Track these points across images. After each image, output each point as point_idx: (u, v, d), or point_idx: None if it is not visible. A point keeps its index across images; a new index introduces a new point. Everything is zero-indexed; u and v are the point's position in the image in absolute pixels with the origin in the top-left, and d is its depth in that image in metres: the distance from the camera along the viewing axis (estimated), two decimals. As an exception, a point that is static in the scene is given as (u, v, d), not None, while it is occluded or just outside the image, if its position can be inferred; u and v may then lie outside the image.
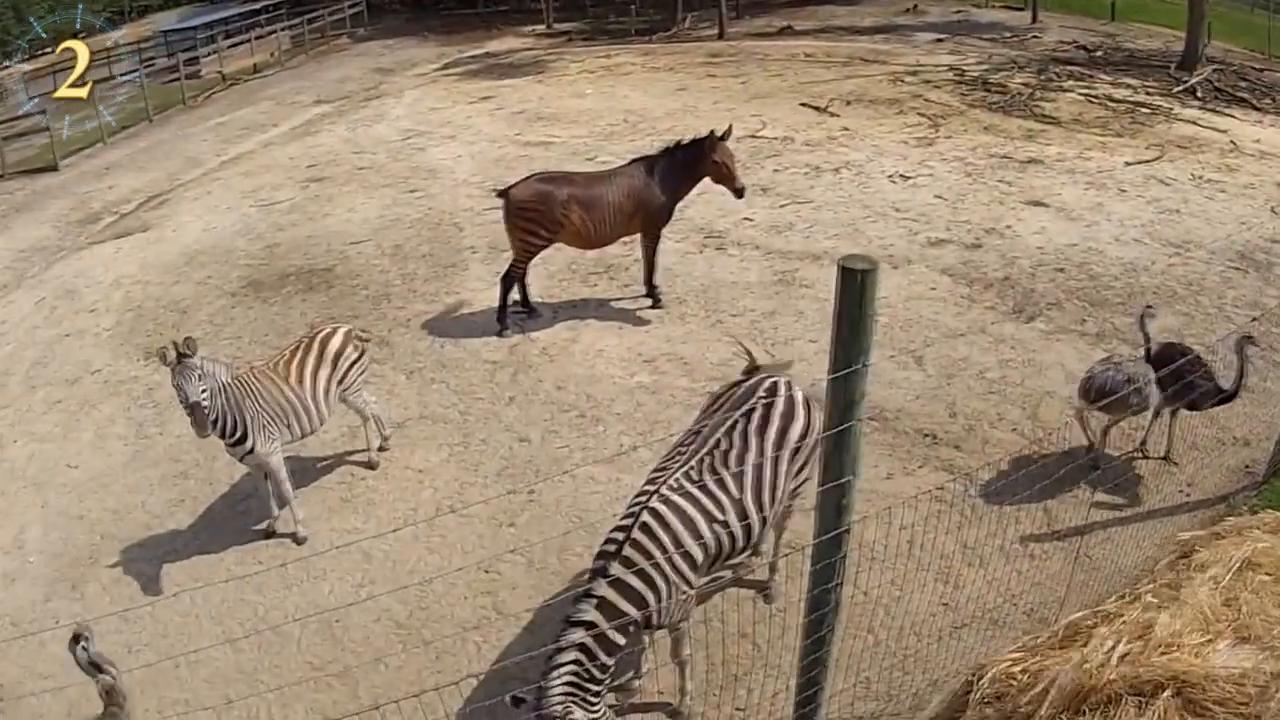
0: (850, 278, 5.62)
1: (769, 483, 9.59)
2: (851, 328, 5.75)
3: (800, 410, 9.95)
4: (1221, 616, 5.71)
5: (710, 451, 9.57)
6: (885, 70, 39.57)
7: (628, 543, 8.96)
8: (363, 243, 23.04)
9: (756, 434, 9.68)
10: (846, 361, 5.80)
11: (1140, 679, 5.35)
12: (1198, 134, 29.55)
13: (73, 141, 39.60)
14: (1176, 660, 5.38)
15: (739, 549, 9.67)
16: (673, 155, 17.69)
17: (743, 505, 9.41)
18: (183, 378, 11.58)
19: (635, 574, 8.83)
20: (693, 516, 9.17)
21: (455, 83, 43.60)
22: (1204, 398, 13.10)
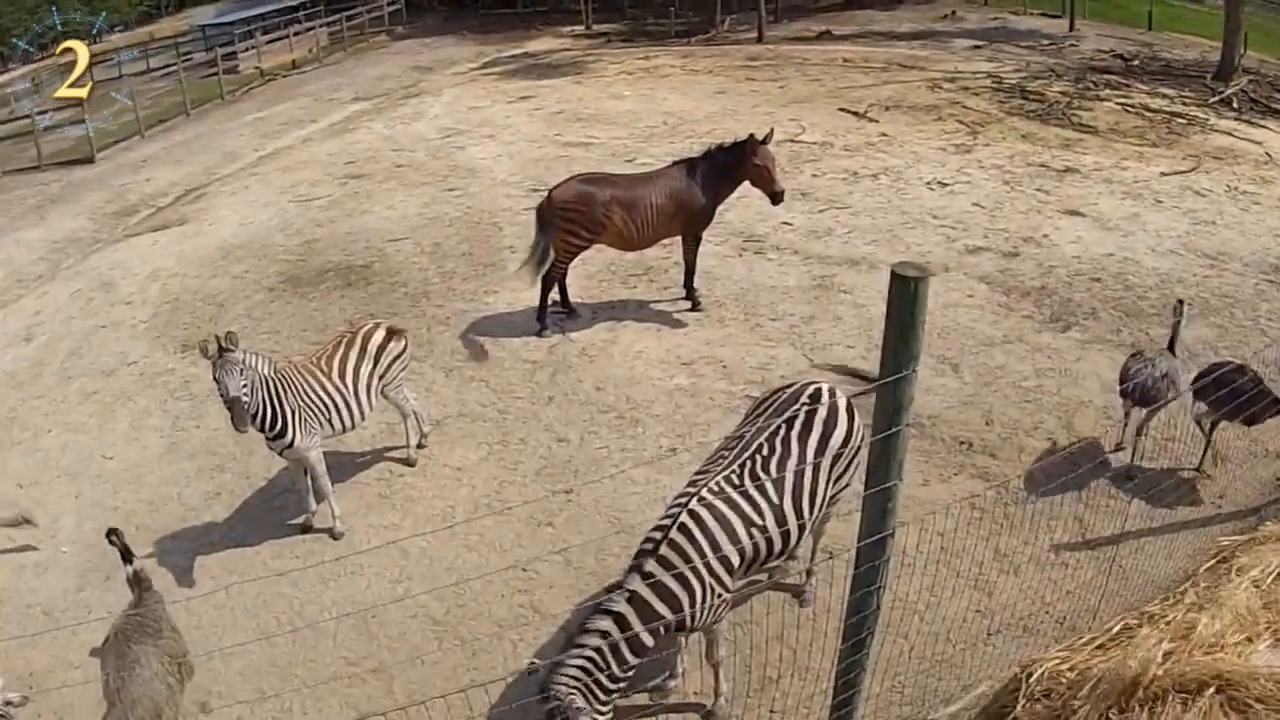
0: (903, 285, 5.70)
1: (809, 490, 9.65)
2: (902, 334, 5.83)
3: (843, 417, 10.02)
4: (1261, 618, 5.81)
5: (752, 456, 9.62)
6: (923, 76, 39.51)
7: (665, 543, 9.04)
8: (401, 240, 23.11)
9: (799, 441, 9.75)
10: (897, 367, 5.88)
11: (1185, 677, 5.45)
12: (1233, 145, 29.47)
13: (109, 134, 39.93)
14: (1220, 660, 5.48)
15: (776, 554, 9.78)
16: (714, 158, 17.70)
17: (782, 511, 9.47)
18: (224, 371, 11.65)
19: (672, 575, 8.91)
20: (731, 521, 9.25)
21: (494, 82, 43.61)
22: (1264, 411, 13.17)
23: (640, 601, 8.75)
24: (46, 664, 11.52)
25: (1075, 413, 15.26)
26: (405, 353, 14.05)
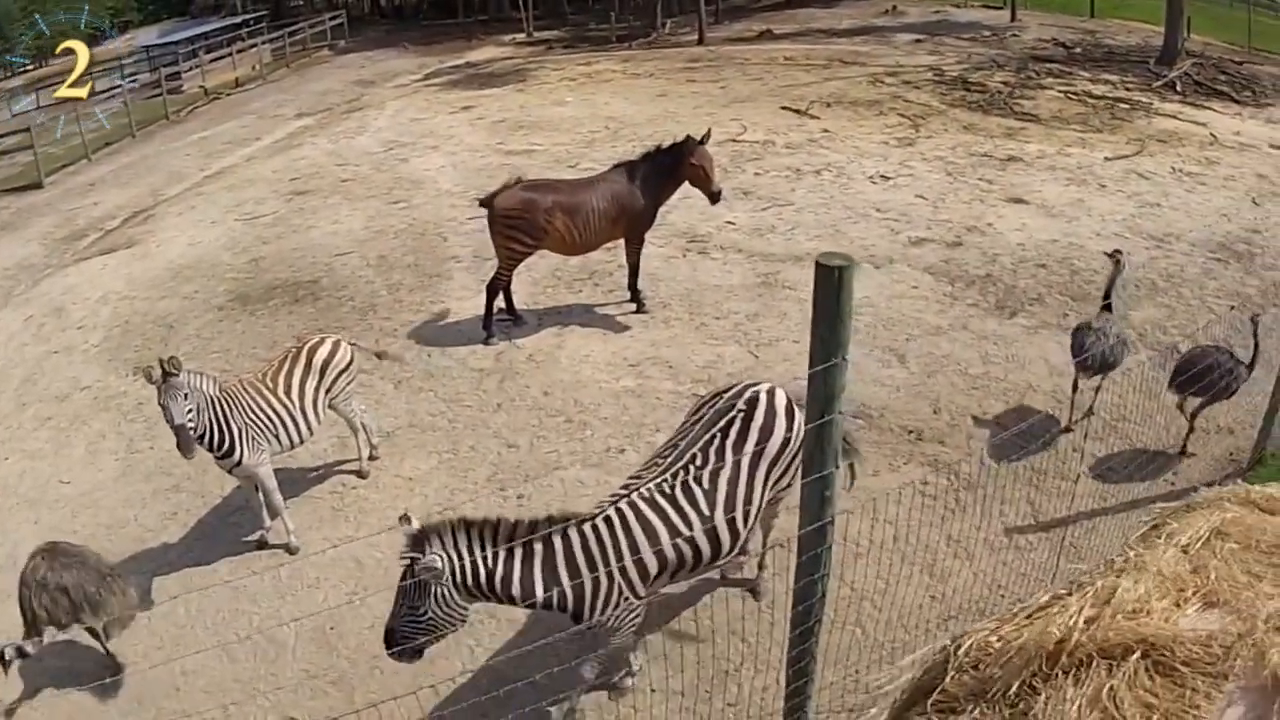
0: (827, 274, 5.74)
1: (743, 499, 9.63)
2: (829, 324, 5.87)
3: (781, 419, 9.98)
4: (1190, 584, 5.85)
5: (685, 466, 9.63)
6: (865, 72, 39.71)
7: (576, 526, 9.24)
8: (348, 254, 23.11)
9: (733, 449, 9.72)
10: (825, 356, 5.92)
11: (1110, 642, 5.48)
12: (1178, 128, 29.78)
13: (57, 158, 39.77)
14: (1145, 624, 5.53)
15: (708, 561, 9.76)
16: (653, 160, 17.78)
17: (713, 522, 9.48)
18: (169, 398, 11.61)
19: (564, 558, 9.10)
20: (655, 527, 9.29)
21: (436, 93, 43.69)
22: (1237, 381, 13.50)
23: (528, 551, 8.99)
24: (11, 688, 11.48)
25: (1024, 397, 15.37)
26: (351, 366, 14.01)
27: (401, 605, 8.80)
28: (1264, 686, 5.18)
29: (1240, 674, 5.25)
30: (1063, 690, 5.48)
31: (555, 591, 9.01)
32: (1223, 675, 5.27)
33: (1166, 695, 5.26)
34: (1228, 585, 5.84)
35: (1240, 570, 5.99)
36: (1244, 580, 5.89)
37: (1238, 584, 5.86)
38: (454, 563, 8.72)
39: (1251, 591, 5.78)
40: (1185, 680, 5.27)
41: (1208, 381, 13.36)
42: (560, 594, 9.06)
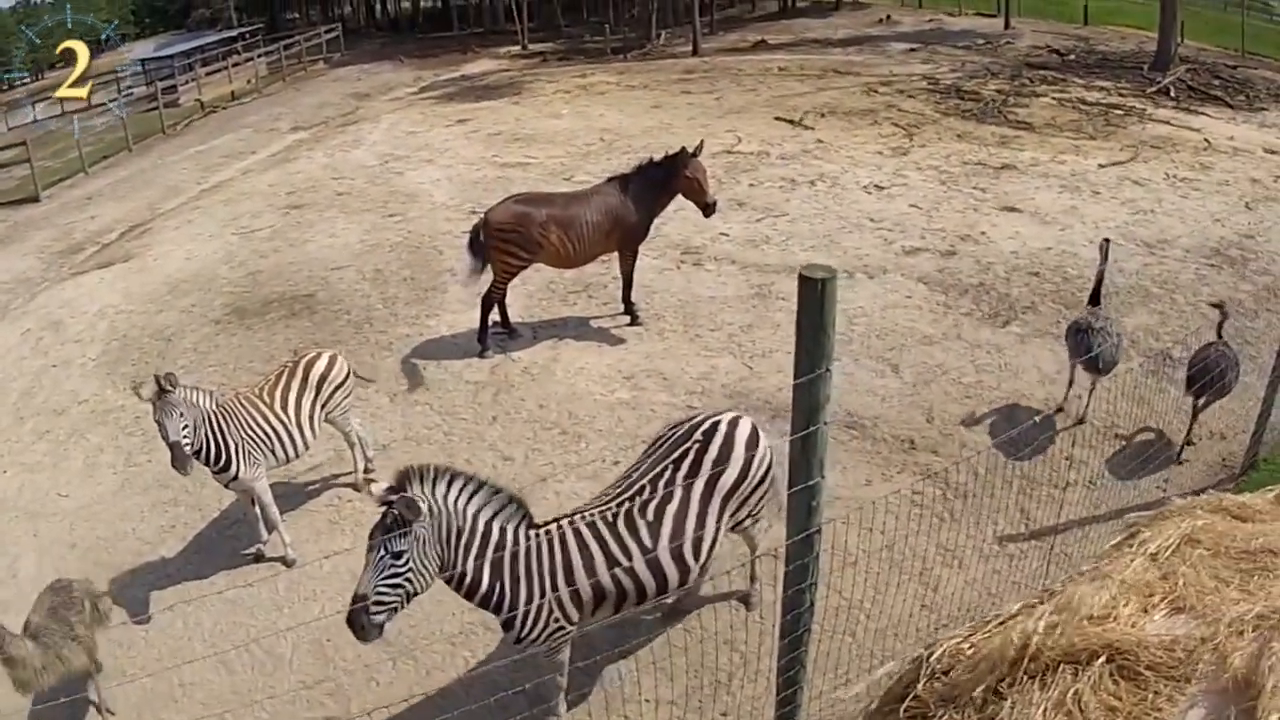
0: (810, 286, 5.81)
1: (691, 534, 9.56)
2: (813, 334, 5.93)
3: (739, 452, 9.89)
4: (1158, 589, 5.96)
5: (632, 497, 9.60)
6: (859, 82, 39.83)
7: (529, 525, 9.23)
8: (344, 268, 23.16)
9: (683, 483, 9.67)
10: (810, 367, 5.98)
11: (1075, 647, 5.59)
12: (1172, 134, 29.88)
13: (54, 171, 39.97)
14: (1110, 630, 5.63)
15: (654, 594, 9.73)
16: (647, 173, 17.84)
17: (656, 556, 9.44)
18: (163, 414, 11.69)
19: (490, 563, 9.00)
20: (593, 555, 9.28)
21: (432, 106, 43.75)
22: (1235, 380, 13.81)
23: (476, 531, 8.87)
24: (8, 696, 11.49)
25: (1016, 405, 15.41)
26: (348, 380, 14.05)
27: (381, 558, 8.43)
28: (1225, 689, 5.28)
29: (1202, 677, 5.35)
30: (1028, 695, 5.58)
31: (495, 586, 8.98)
32: (1185, 679, 5.37)
33: (1130, 699, 5.37)
34: (1195, 591, 5.95)
35: (1209, 576, 6.09)
36: (1211, 586, 5.99)
37: (1205, 589, 5.96)
38: (434, 507, 8.62)
39: (1218, 597, 5.88)
40: (1149, 684, 5.37)
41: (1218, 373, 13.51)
42: (500, 591, 9.02)
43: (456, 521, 8.70)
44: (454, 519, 8.69)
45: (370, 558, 8.47)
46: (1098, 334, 14.41)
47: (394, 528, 8.33)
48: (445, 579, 8.91)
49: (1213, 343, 13.90)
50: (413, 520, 8.33)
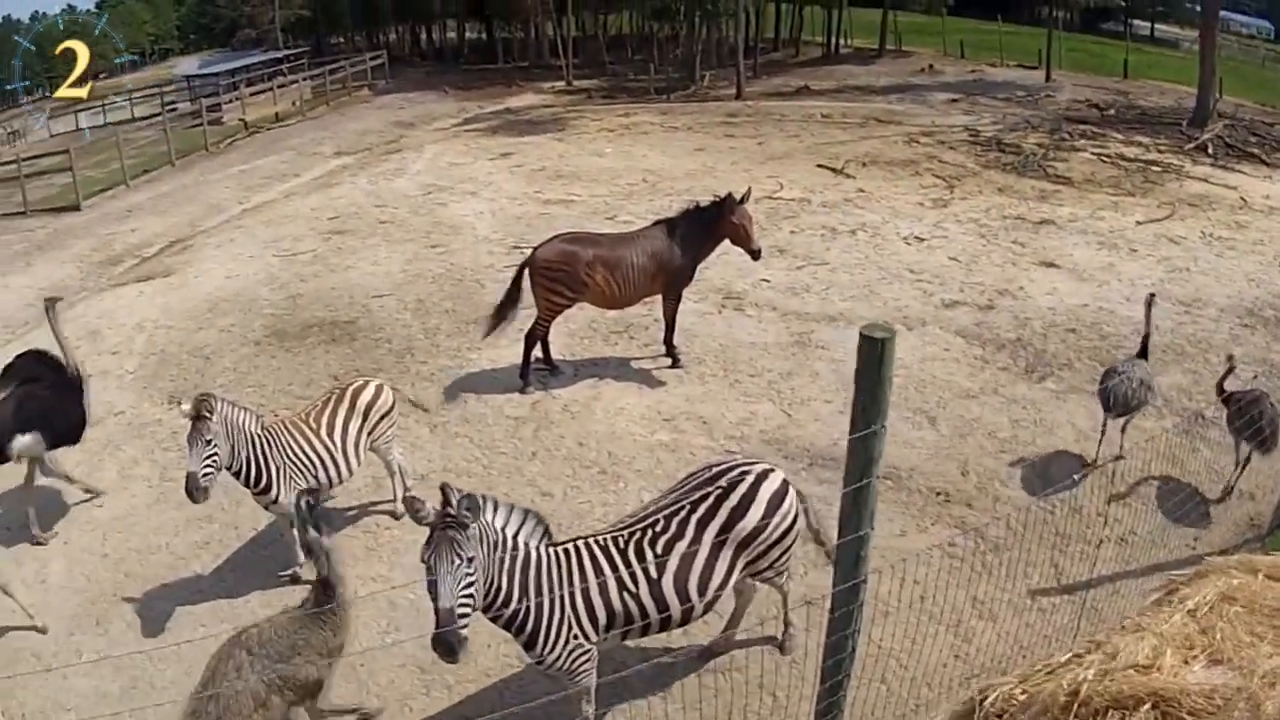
0: (870, 345, 5.98)
1: (697, 574, 9.60)
2: (870, 392, 6.10)
3: (760, 505, 9.86)
4: (1197, 643, 6.19)
5: (646, 528, 9.67)
6: (901, 131, 39.93)
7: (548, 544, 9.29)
8: (385, 296, 23.29)
9: (697, 524, 9.68)
10: (866, 423, 6.14)
11: (1122, 694, 5.80)
12: (1208, 191, 30.04)
13: (96, 181, 40.32)
14: (1155, 679, 5.85)
15: (657, 627, 9.77)
16: (693, 217, 17.93)
17: (660, 590, 9.51)
18: (191, 440, 11.95)
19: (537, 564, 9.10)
20: (605, 574, 9.35)
21: (475, 138, 43.97)
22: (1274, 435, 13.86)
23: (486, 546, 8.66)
24: (38, 705, 11.53)
25: (1051, 461, 15.45)
26: (393, 410, 14.15)
27: (456, 566, 8.22)
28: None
29: None
30: None
31: (523, 603, 8.99)
32: None
33: None
34: (1232, 645, 6.19)
35: (1244, 631, 6.33)
36: (1247, 640, 6.23)
37: (1241, 643, 6.20)
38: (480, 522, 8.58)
39: (1253, 650, 6.12)
40: None
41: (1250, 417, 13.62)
42: (525, 608, 9.03)
43: (491, 535, 8.73)
44: (490, 532, 8.72)
45: (440, 571, 8.19)
46: (1118, 376, 14.77)
47: (456, 538, 8.23)
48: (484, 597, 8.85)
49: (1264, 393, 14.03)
50: (472, 521, 8.32)
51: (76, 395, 15.73)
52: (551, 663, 9.33)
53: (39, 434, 15.10)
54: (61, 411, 15.51)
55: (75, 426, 15.70)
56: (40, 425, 15.12)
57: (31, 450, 15.13)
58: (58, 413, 15.47)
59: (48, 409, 15.31)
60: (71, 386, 15.71)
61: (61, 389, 15.60)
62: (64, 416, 15.55)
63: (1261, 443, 13.73)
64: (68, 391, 15.65)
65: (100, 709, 11.15)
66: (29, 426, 14.99)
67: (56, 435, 15.43)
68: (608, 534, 9.70)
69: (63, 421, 15.51)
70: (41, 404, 15.26)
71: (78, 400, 15.73)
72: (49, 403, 15.37)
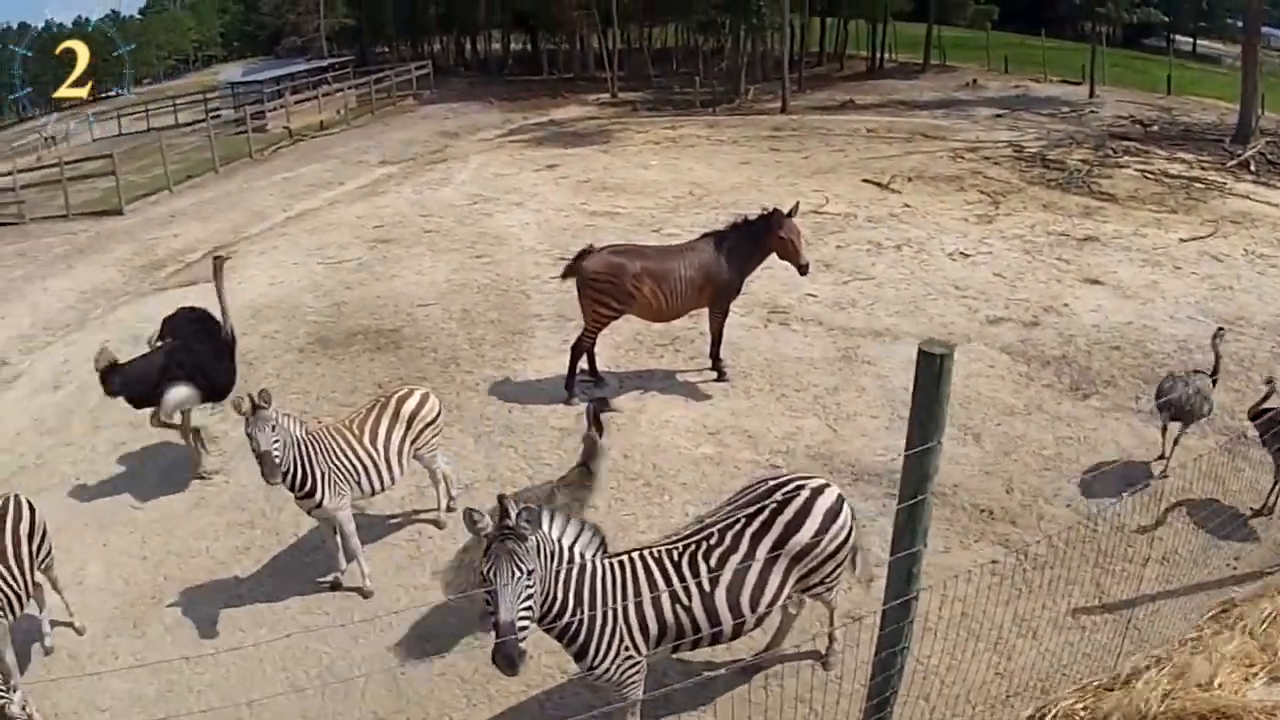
0: (929, 361, 6.01)
1: (750, 588, 9.57)
2: (928, 407, 6.13)
3: (814, 520, 9.81)
4: (1257, 660, 6.22)
5: (700, 541, 9.63)
6: (945, 146, 39.92)
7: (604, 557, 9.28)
8: (430, 305, 23.38)
9: (751, 538, 9.66)
10: (923, 439, 6.17)
11: (1186, 711, 5.84)
12: (1251, 208, 30.03)
13: (139, 185, 40.77)
14: (1217, 696, 5.87)
15: (708, 641, 9.74)
16: (741, 231, 17.93)
17: (713, 602, 9.46)
18: (256, 427, 11.84)
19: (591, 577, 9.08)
20: (659, 586, 9.32)
21: (520, 149, 44.11)
22: None
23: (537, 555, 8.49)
24: (72, 706, 11.61)
25: (1095, 480, 15.39)
26: (439, 419, 14.18)
27: (516, 578, 8.12)
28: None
29: None
30: None
31: (577, 615, 8.93)
32: None
33: None
34: None
35: None
36: None
37: None
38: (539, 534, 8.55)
39: None
40: None
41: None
42: (579, 620, 8.97)
43: (549, 545, 8.68)
44: (548, 543, 8.68)
45: (499, 583, 8.07)
46: (1175, 380, 15.08)
47: (515, 549, 8.15)
48: None
49: None
50: (530, 534, 8.27)
51: (229, 355, 16.59)
52: (601, 674, 9.31)
53: (192, 388, 16.00)
54: (212, 368, 16.27)
55: (224, 385, 16.47)
56: (192, 377, 15.95)
57: (185, 402, 16.02)
58: (209, 369, 16.22)
59: (200, 364, 16.09)
60: (225, 346, 16.53)
61: (216, 347, 16.47)
62: (215, 374, 16.32)
63: None
64: (221, 350, 16.48)
65: (135, 712, 11.27)
66: (180, 378, 15.83)
67: (205, 391, 16.20)
68: (662, 546, 9.68)
69: (214, 378, 16.30)
70: (194, 358, 16.05)
71: (229, 359, 16.58)
72: (201, 358, 16.15)
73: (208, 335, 16.66)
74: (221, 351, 16.62)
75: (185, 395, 15.96)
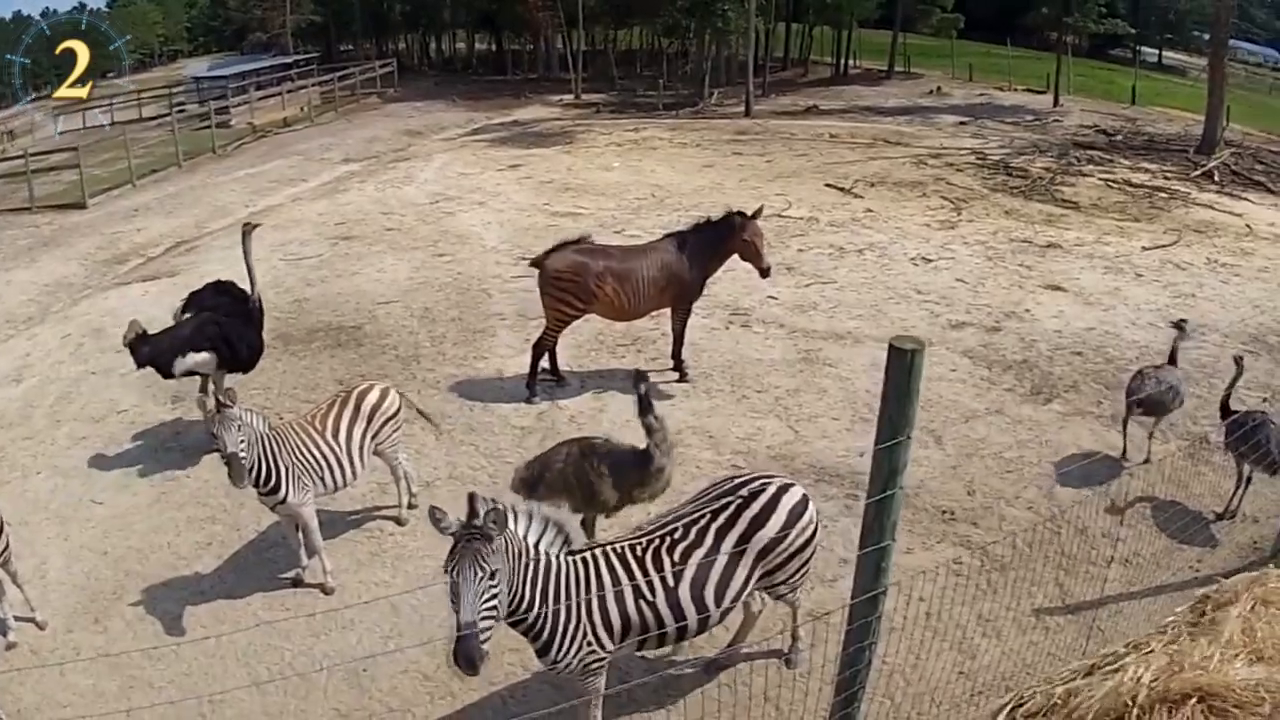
0: (900, 356, 6.04)
1: (716, 582, 9.59)
2: (898, 402, 6.15)
3: (779, 516, 9.84)
4: (1239, 643, 6.30)
5: (664, 536, 9.65)
6: (909, 152, 40.08)
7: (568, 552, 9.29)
8: (392, 303, 23.38)
9: (716, 533, 9.68)
10: (892, 433, 6.17)
11: (1171, 692, 5.90)
12: (1214, 218, 30.30)
13: (102, 180, 40.44)
14: (1200, 675, 5.95)
15: (673, 637, 9.81)
16: (705, 232, 17.98)
17: (677, 597, 9.46)
18: (222, 427, 11.78)
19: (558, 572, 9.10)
20: (622, 582, 9.32)
21: (484, 149, 44.14)
22: None
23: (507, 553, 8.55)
24: (34, 701, 11.51)
25: (1056, 482, 15.48)
26: (399, 414, 14.14)
27: (479, 578, 8.12)
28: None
29: None
30: None
31: (543, 611, 8.95)
32: (1269, 716, 5.70)
33: None
34: (1272, 644, 6.35)
35: None
36: None
37: None
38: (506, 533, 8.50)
39: None
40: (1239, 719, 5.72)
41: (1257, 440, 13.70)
42: (543, 616, 8.98)
43: (516, 544, 8.67)
44: (514, 542, 8.65)
45: (462, 582, 8.09)
46: (1144, 378, 15.51)
47: (481, 549, 8.14)
48: None
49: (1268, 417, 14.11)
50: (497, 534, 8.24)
51: (256, 325, 17.09)
52: (564, 668, 9.32)
53: (212, 354, 16.35)
54: (238, 337, 16.69)
55: (250, 354, 17.04)
56: (215, 347, 16.38)
57: (201, 367, 16.40)
58: (235, 338, 16.62)
59: (226, 333, 16.51)
60: (252, 316, 17.04)
61: (242, 316, 16.97)
62: (240, 342, 16.75)
63: (1270, 465, 13.78)
64: (247, 319, 16.99)
65: (97, 707, 11.14)
66: (203, 346, 16.27)
67: (230, 359, 16.69)
68: (626, 541, 9.67)
69: (239, 347, 16.73)
70: (221, 328, 16.46)
71: (256, 329, 17.07)
72: (228, 327, 16.57)
73: (236, 306, 17.16)
74: (250, 320, 17.09)
75: (199, 360, 16.33)
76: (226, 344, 16.51)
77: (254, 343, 17.13)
